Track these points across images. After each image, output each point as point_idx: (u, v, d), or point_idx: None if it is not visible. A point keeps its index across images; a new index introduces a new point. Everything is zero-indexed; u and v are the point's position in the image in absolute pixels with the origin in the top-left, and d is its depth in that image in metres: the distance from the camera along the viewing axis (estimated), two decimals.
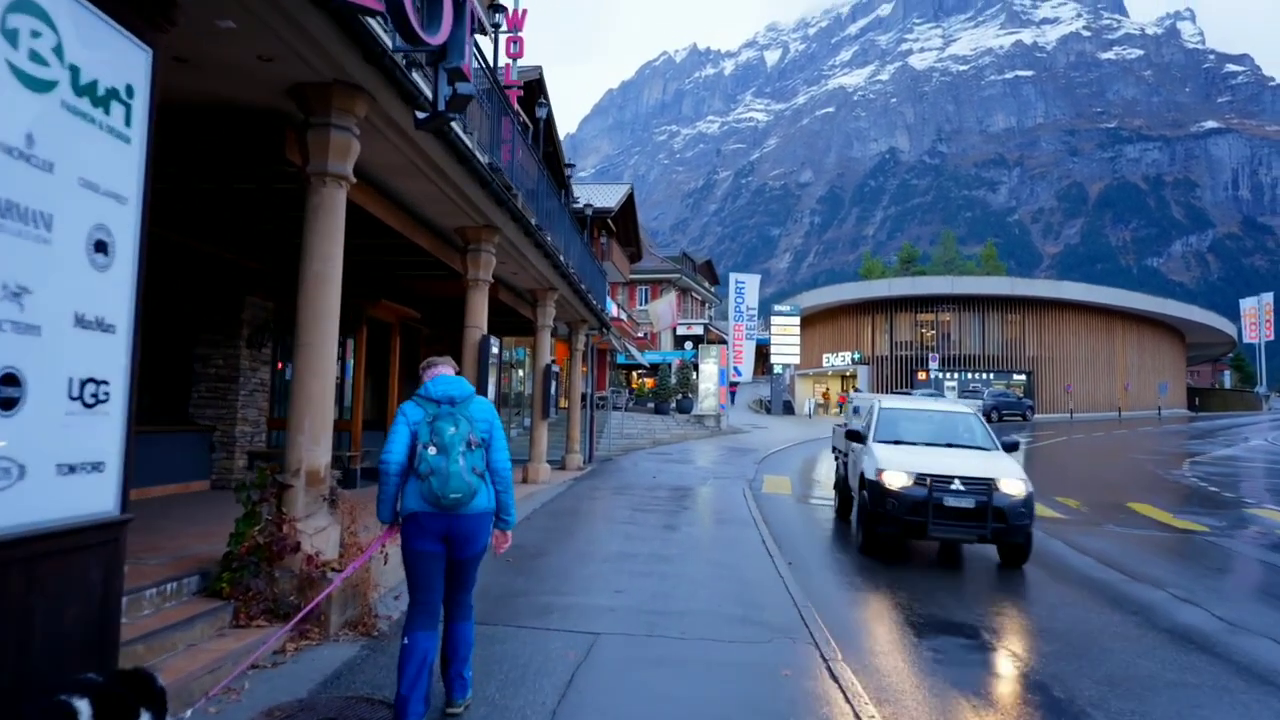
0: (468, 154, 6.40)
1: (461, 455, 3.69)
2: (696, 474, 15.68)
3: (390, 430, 3.90)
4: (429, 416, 3.79)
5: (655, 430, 24.29)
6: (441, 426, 3.73)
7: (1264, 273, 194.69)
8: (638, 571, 6.82)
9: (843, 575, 7.67)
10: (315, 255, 4.96)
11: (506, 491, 3.94)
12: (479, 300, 8.68)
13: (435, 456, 3.65)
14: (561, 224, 13.13)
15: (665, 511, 10.41)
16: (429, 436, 3.71)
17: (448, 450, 3.65)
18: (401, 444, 3.75)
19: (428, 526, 3.73)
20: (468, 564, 3.89)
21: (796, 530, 10.24)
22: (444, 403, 3.87)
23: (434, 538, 3.75)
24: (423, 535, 3.76)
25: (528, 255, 10.06)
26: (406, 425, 3.80)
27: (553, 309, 12.62)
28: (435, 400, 3.90)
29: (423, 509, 3.72)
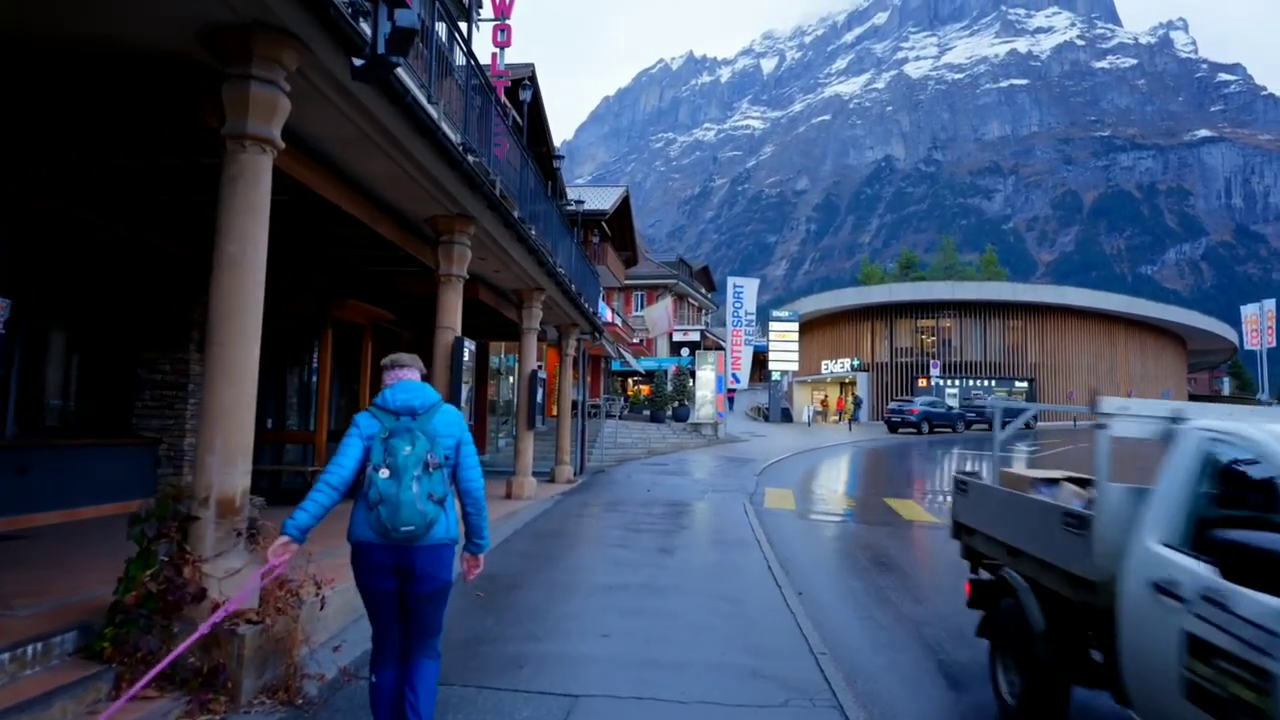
0: (429, 125, 5.52)
1: (416, 481, 3.08)
2: (694, 487, 14.78)
3: (341, 444, 3.19)
4: (384, 431, 3.13)
5: (651, 439, 23.38)
6: (396, 445, 3.08)
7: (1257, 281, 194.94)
8: (628, 608, 5.92)
9: (859, 608, 6.78)
10: (231, 235, 4.07)
11: (479, 513, 3.32)
12: (452, 299, 7.79)
13: (386, 481, 3.05)
14: (549, 219, 12.26)
15: (660, 531, 9.51)
16: (381, 456, 3.09)
17: (400, 474, 3.06)
18: (352, 459, 3.12)
19: (377, 560, 3.11)
20: (425, 601, 3.22)
21: (803, 552, 9.35)
22: (403, 414, 3.19)
23: (385, 572, 3.14)
24: (372, 570, 3.15)
25: (510, 251, 9.18)
26: (359, 439, 3.17)
27: (539, 311, 11.74)
28: (393, 411, 3.20)
29: (370, 539, 3.07)
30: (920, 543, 10.31)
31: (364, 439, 3.15)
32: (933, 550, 9.84)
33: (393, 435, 3.11)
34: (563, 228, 13.81)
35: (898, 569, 8.45)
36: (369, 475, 3.07)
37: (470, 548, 3.39)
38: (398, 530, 3.00)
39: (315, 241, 7.97)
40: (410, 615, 3.25)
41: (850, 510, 12.80)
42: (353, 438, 3.16)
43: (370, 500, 3.03)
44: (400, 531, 3.01)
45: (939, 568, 8.75)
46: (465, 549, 3.41)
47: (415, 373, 3.40)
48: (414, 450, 3.09)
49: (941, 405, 34.41)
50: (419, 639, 3.27)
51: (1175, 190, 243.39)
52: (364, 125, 5.23)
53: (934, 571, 8.47)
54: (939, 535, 10.79)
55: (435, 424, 3.21)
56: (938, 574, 8.32)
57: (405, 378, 3.34)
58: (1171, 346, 49.12)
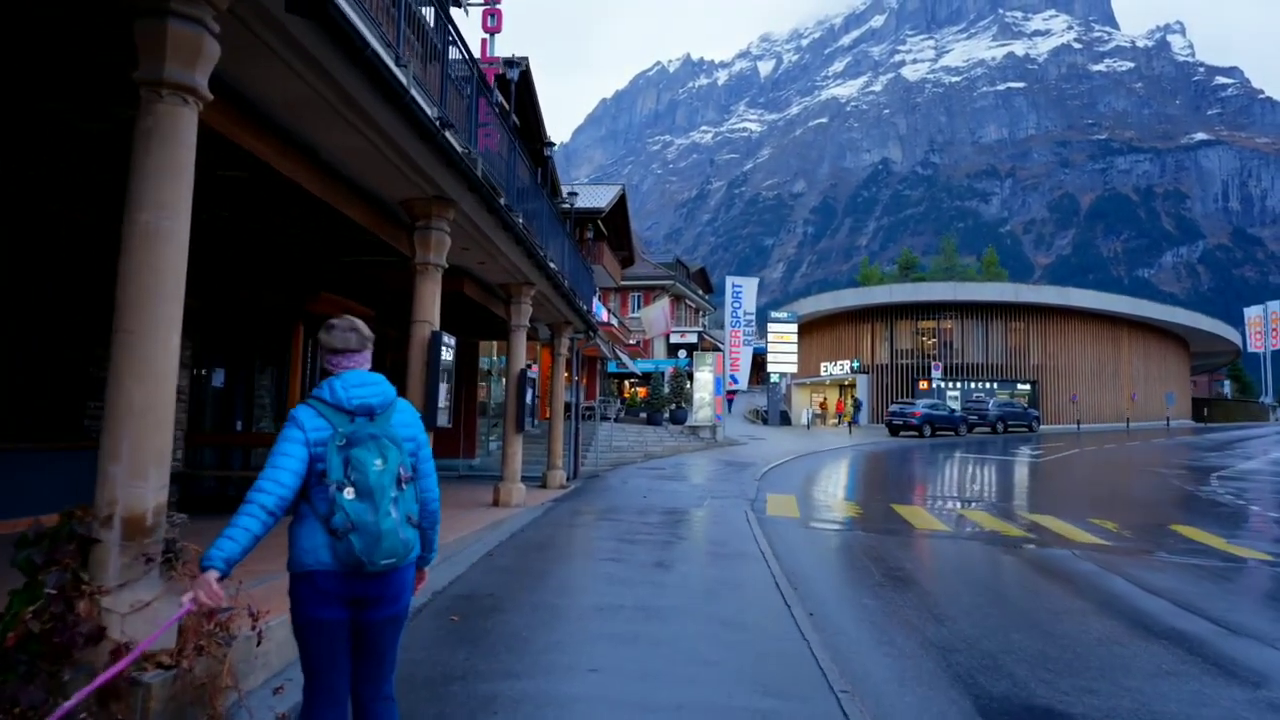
0: (396, 88, 4.86)
1: (393, 504, 2.44)
2: (692, 493, 14.12)
3: (275, 446, 2.47)
4: (340, 438, 2.47)
5: (647, 442, 22.73)
6: (362, 458, 2.44)
7: (1254, 284, 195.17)
8: (620, 635, 5.26)
9: (877, 632, 6.12)
10: (144, 201, 3.41)
11: (434, 527, 2.79)
12: (430, 290, 7.12)
13: (357, 505, 2.40)
14: (539, 209, 11.61)
15: (657, 543, 8.84)
16: (343, 472, 2.42)
17: (374, 495, 2.42)
18: (292, 473, 2.45)
19: (331, 589, 2.47)
20: (385, 630, 2.58)
21: (810, 565, 8.69)
22: (359, 414, 2.50)
23: (340, 602, 2.50)
24: (325, 601, 2.48)
25: (495, 240, 8.52)
26: (304, 445, 2.49)
27: (529, 307, 11.08)
28: (347, 411, 2.50)
29: (327, 568, 2.45)
30: (934, 554, 9.67)
31: (310, 446, 2.47)
32: (948, 562, 9.21)
33: (353, 444, 2.44)
34: (555, 220, 13.16)
35: (914, 584, 7.80)
36: (331, 496, 2.40)
37: (420, 563, 2.77)
38: (376, 564, 2.39)
39: (280, 227, 7.30)
40: (363, 650, 2.59)
41: (856, 518, 12.16)
42: (293, 443, 2.47)
43: (336, 527, 2.38)
44: (380, 565, 2.40)
45: (957, 582, 8.12)
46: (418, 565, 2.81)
47: (365, 360, 2.71)
48: (386, 464, 2.44)
49: (944, 408, 33.82)
50: (374, 679, 2.63)
51: (1172, 193, 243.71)
52: (319, 86, 4.56)
53: (952, 586, 7.83)
54: (952, 545, 10.15)
55: (394, 425, 2.57)
56: (956, 589, 7.69)
57: (358, 365, 2.66)
58: (1175, 349, 48.63)
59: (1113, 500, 16.07)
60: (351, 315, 2.65)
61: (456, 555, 7.44)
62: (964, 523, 11.92)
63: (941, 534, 10.83)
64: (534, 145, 22.55)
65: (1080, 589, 7.90)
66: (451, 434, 15.98)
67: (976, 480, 19.03)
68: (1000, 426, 34.94)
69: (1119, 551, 10.07)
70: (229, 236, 7.41)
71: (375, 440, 2.47)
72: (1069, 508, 14.10)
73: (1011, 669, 5.30)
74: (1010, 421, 35.50)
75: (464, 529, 8.34)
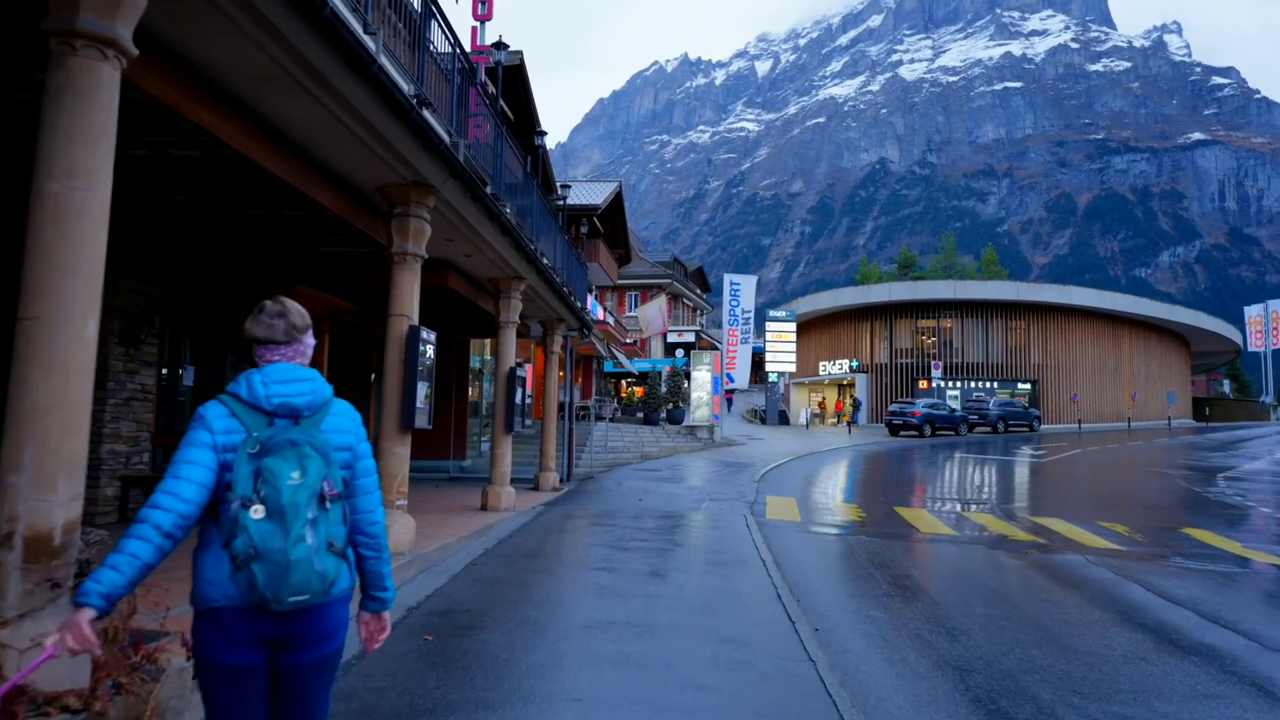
0: (363, 57, 4.41)
1: (310, 526, 1.95)
2: (689, 496, 13.68)
3: (177, 452, 2.01)
4: (253, 443, 2.00)
5: (644, 443, 22.28)
6: (276, 468, 1.96)
7: (1250, 283, 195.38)
8: (609, 656, 4.81)
9: (888, 649, 5.68)
10: (54, 170, 2.95)
11: (379, 556, 2.24)
12: (408, 282, 6.67)
13: (263, 527, 1.92)
14: (530, 201, 11.16)
15: (652, 550, 8.39)
16: (252, 485, 1.95)
17: (285, 515, 1.93)
18: (195, 486, 1.97)
19: (239, 631, 2.00)
20: (310, 676, 2.09)
21: (813, 572, 8.26)
22: (281, 416, 2.07)
23: (252, 645, 2.03)
24: (233, 644, 2.01)
25: (480, 230, 8.07)
26: (211, 451, 2.01)
27: (519, 303, 10.62)
28: (265, 411, 2.03)
29: (235, 604, 1.98)
30: (941, 559, 9.24)
31: (218, 451, 2.01)
32: (956, 568, 8.78)
33: (268, 451, 1.97)
34: (547, 213, 12.70)
35: (922, 594, 7.37)
36: (234, 513, 1.93)
37: (370, 604, 2.27)
38: (283, 601, 1.92)
39: (244, 214, 6.84)
40: (285, 701, 2.11)
41: (859, 521, 11.73)
42: (198, 448, 1.99)
43: (237, 552, 1.91)
44: (288, 603, 1.93)
45: (968, 591, 7.68)
46: (363, 607, 2.28)
47: (300, 352, 2.23)
48: (305, 477, 1.96)
49: (944, 407, 33.43)
50: None
51: (1169, 193, 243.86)
52: (273, 49, 4.11)
53: (963, 596, 7.39)
54: (959, 550, 9.72)
55: (325, 432, 2.10)
56: (968, 599, 7.25)
57: (288, 359, 2.19)
58: (1176, 348, 48.30)
59: (1119, 502, 15.68)
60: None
61: (438, 565, 6.99)
62: (969, 526, 11.50)
63: (947, 538, 10.41)
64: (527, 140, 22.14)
65: (1097, 598, 7.47)
66: (442, 435, 15.53)
67: (979, 481, 18.63)
68: (1001, 426, 34.56)
69: (1132, 557, 9.67)
70: (191, 223, 6.95)
71: (295, 448, 2.00)
72: (1075, 510, 13.71)
73: (1035, 691, 4.87)
74: (1011, 421, 35.11)
75: (447, 536, 7.89)
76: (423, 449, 15.59)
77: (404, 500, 6.65)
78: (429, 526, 8.39)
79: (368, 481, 2.25)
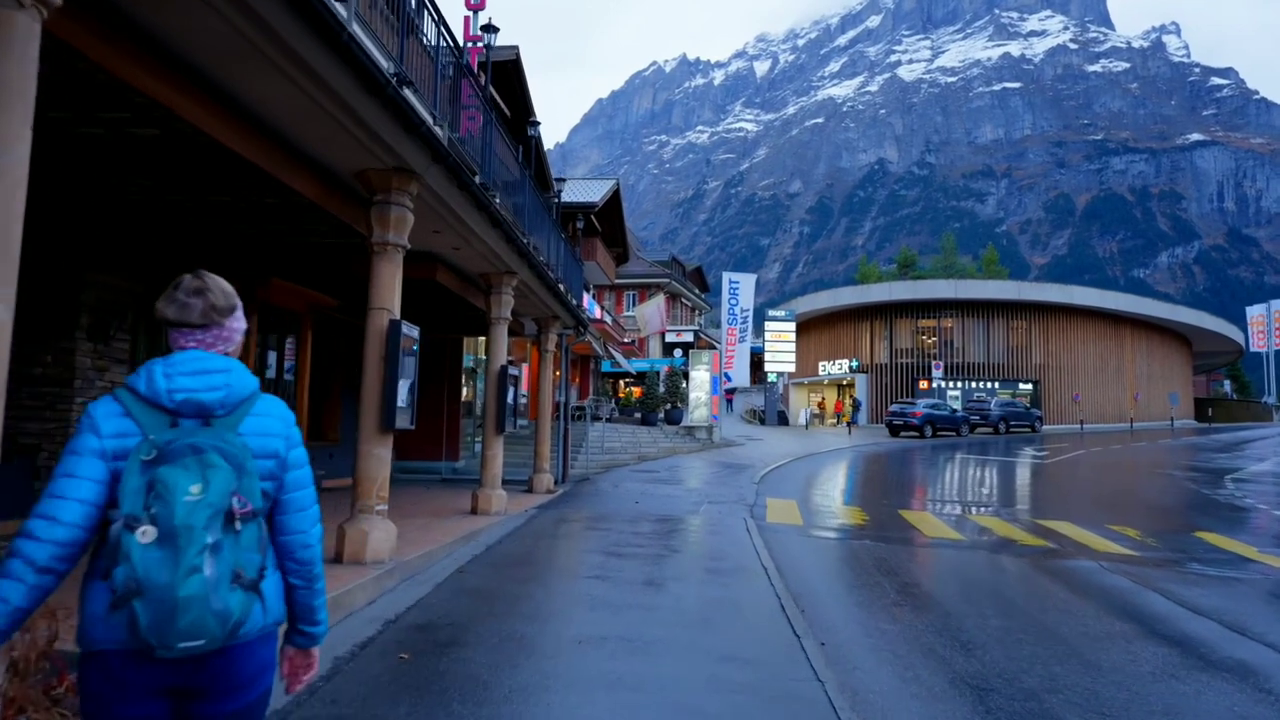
0: (330, 23, 4.03)
1: (209, 553, 1.56)
2: (687, 498, 13.31)
3: (58, 465, 1.66)
4: (148, 448, 1.61)
5: (641, 443, 21.91)
6: (171, 480, 1.57)
7: (1249, 284, 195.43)
8: (599, 677, 4.43)
9: (900, 665, 5.31)
10: None
11: (310, 585, 1.86)
12: (388, 273, 6.29)
13: (150, 554, 1.53)
14: (522, 193, 10.79)
15: (647, 557, 8.01)
16: (140, 501, 1.56)
17: (177, 539, 1.54)
18: (79, 501, 1.61)
19: (136, 679, 1.61)
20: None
21: (817, 580, 7.89)
22: (186, 415, 1.70)
23: (149, 695, 1.63)
24: (124, 694, 1.62)
25: (468, 220, 7.69)
26: (99, 458, 1.64)
27: (510, 299, 10.24)
28: (167, 409, 1.63)
29: (121, 646, 1.59)
30: (950, 566, 8.86)
31: (108, 460, 1.63)
32: (967, 575, 8.42)
33: (165, 458, 1.59)
34: (540, 207, 12.33)
35: (933, 603, 7.00)
36: (118, 536, 1.54)
37: (296, 639, 1.90)
38: (171, 648, 1.53)
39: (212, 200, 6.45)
40: None
41: (863, 525, 11.35)
42: (82, 456, 1.62)
43: (116, 585, 1.52)
44: (178, 649, 1.53)
45: (981, 600, 7.31)
46: (287, 640, 1.92)
47: (224, 335, 1.84)
48: (206, 492, 1.57)
49: (945, 408, 33.08)
50: None
51: (1168, 194, 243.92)
52: (227, 10, 3.72)
53: (976, 606, 7.02)
54: (968, 556, 9.35)
55: (245, 435, 1.72)
56: (981, 609, 6.88)
57: (202, 344, 1.80)
58: (1178, 348, 48.00)
59: (1127, 504, 15.33)
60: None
61: (422, 573, 6.61)
62: (977, 530, 11.14)
63: (955, 543, 10.05)
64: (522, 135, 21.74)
65: (1117, 608, 7.11)
66: (434, 435, 15.15)
67: (984, 483, 18.28)
68: (1003, 427, 34.23)
69: (1148, 563, 9.32)
70: (163, 213, 6.57)
71: (198, 455, 1.61)
72: (1084, 513, 13.37)
73: (1061, 714, 4.50)
74: (1013, 422, 34.78)
75: (433, 541, 7.51)
76: (414, 450, 15.22)
77: (384, 505, 6.26)
78: (415, 532, 8.00)
79: (301, 496, 1.87)
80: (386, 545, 6.17)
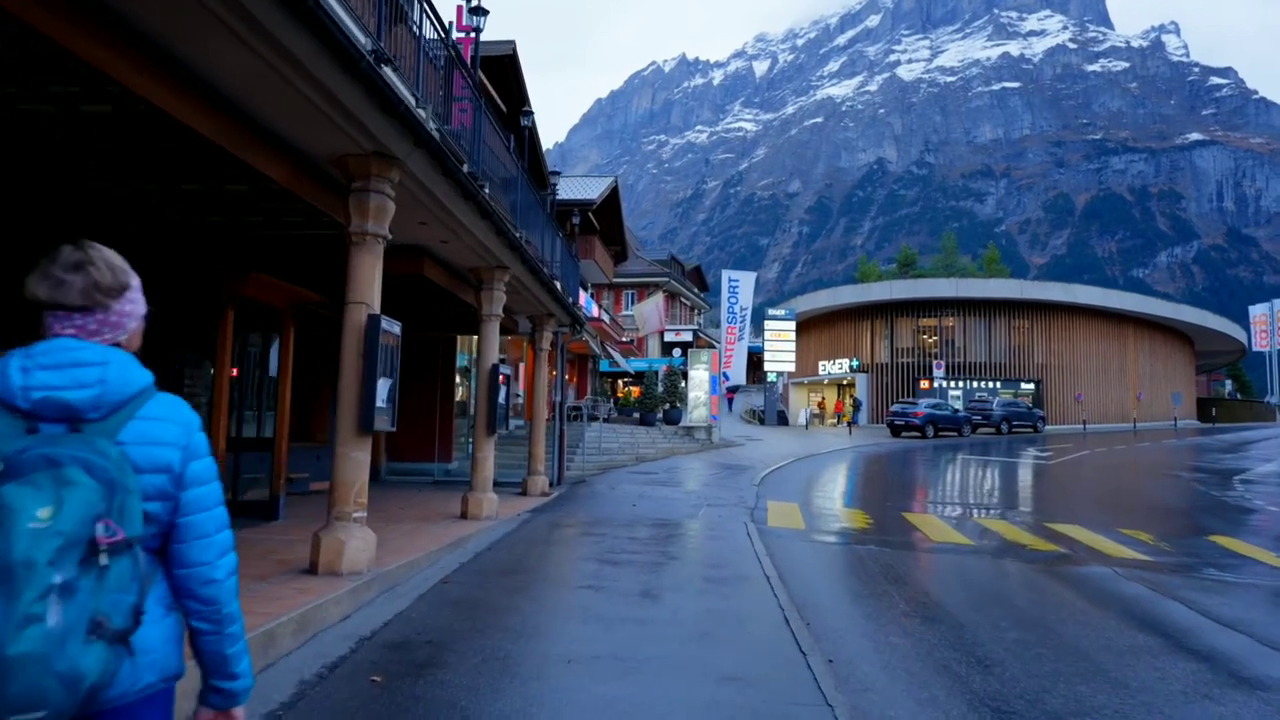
0: None
1: (55, 597, 1.19)
2: (686, 501, 12.93)
3: None
4: None
5: (639, 444, 21.53)
6: (15, 501, 1.21)
7: (1248, 284, 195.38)
8: (591, 702, 4.05)
9: (913, 682, 4.93)
10: None
11: (220, 630, 1.50)
12: (368, 265, 5.91)
13: None
14: (516, 190, 10.42)
15: (643, 565, 7.64)
16: None
17: (13, 579, 1.17)
18: None
19: None
20: None
21: (822, 589, 7.52)
22: (46, 418, 1.35)
23: None
24: None
25: (456, 213, 7.31)
26: None
27: (502, 294, 9.87)
28: (22, 410, 1.34)
29: None
30: (959, 573, 8.48)
31: None
32: (978, 583, 8.04)
33: (10, 472, 1.25)
34: (535, 201, 11.95)
35: (945, 614, 6.63)
36: None
37: (211, 699, 1.53)
38: None
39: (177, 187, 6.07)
40: None
41: (867, 530, 10.99)
42: None
43: None
44: None
45: (995, 610, 6.93)
46: (201, 700, 1.55)
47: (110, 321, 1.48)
48: (56, 517, 1.22)
49: (947, 408, 32.73)
50: None
51: (1167, 193, 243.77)
52: None
53: (990, 617, 6.65)
54: (978, 562, 8.98)
55: (126, 444, 1.37)
56: (996, 621, 6.51)
57: (80, 332, 1.45)
58: (1180, 348, 47.67)
59: (1137, 507, 14.97)
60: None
61: (403, 584, 6.23)
62: (985, 534, 10.77)
63: (963, 548, 9.68)
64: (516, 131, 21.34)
65: (1138, 619, 6.74)
66: (426, 436, 14.78)
67: (989, 485, 17.93)
68: (1005, 427, 33.88)
69: (1164, 569, 8.97)
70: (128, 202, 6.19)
71: (53, 470, 1.25)
72: (1092, 515, 13.02)
73: None
74: (1015, 422, 34.43)
75: (418, 549, 7.13)
76: (407, 451, 14.85)
77: (362, 512, 5.89)
78: (399, 539, 7.62)
79: (202, 520, 1.49)
80: (365, 555, 5.79)
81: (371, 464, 15.41)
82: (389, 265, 6.39)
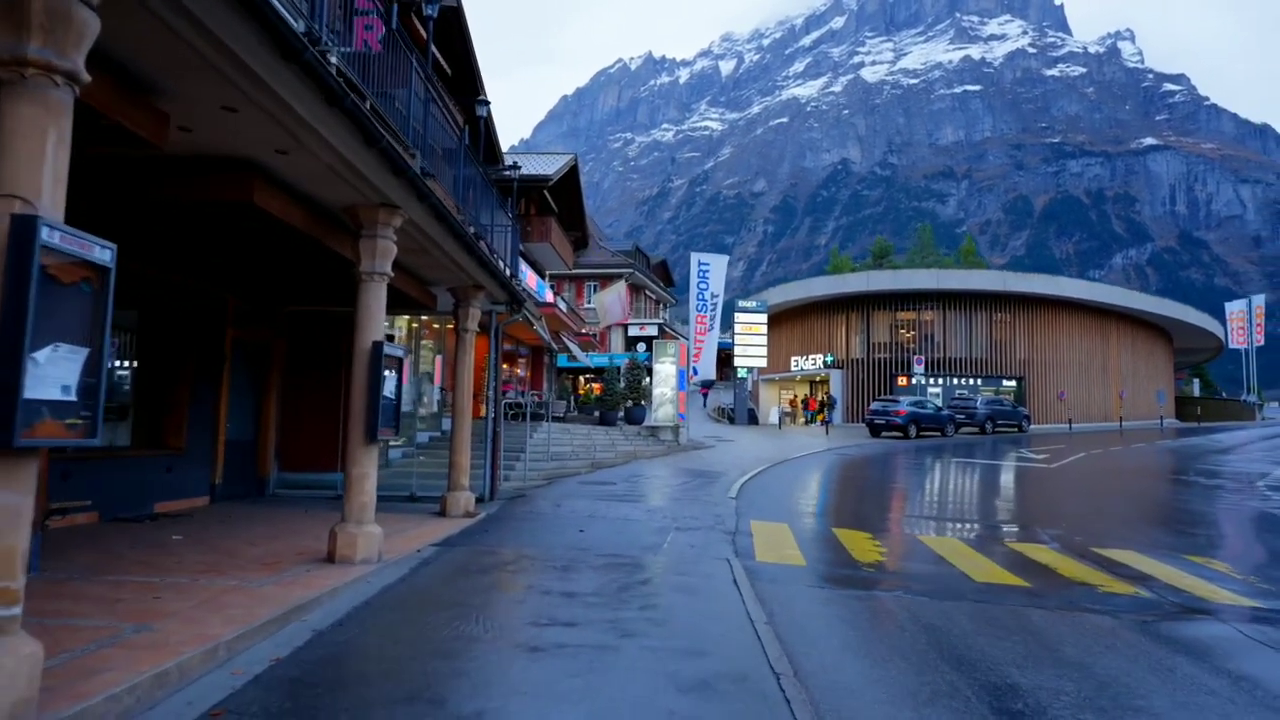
0: None
1: None
2: (649, 523, 10.21)
3: None
4: None
5: (596, 446, 18.77)
6: None
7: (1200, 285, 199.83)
8: None
9: None
10: None
11: None
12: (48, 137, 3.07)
13: None
14: (424, 110, 7.59)
15: (580, 651, 4.86)
16: None
17: None
18: None
19: None
20: None
21: (862, 689, 4.83)
22: None
23: None
24: None
25: (276, 87, 4.48)
26: None
27: (392, 245, 7.02)
28: None
29: None
30: (1039, 642, 5.79)
31: None
32: (1072, 662, 5.34)
33: None
34: (449, 130, 9.12)
35: None
36: None
37: None
38: None
39: None
40: None
41: (886, 565, 8.39)
42: None
43: None
44: None
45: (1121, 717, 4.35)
46: None
47: None
48: None
49: (930, 406, 30.58)
50: None
51: (1122, 196, 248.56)
52: None
53: None
54: (1052, 622, 6.19)
55: None
56: None
57: None
58: (1160, 344, 46.44)
59: (1179, 521, 12.65)
60: None
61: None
62: (1031, 568, 8.23)
63: (1020, 593, 7.12)
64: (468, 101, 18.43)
65: None
66: (326, 439, 11.86)
67: (998, 495, 15.56)
68: (989, 426, 31.88)
69: None
70: None
71: None
72: (1140, 536, 10.71)
73: None
74: (999, 421, 32.46)
75: (201, 638, 4.24)
76: (301, 459, 11.94)
77: (16, 609, 3.03)
78: (193, 610, 4.76)
79: None
80: (23, 684, 2.94)
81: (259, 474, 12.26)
82: (196, 190, 3.51)
